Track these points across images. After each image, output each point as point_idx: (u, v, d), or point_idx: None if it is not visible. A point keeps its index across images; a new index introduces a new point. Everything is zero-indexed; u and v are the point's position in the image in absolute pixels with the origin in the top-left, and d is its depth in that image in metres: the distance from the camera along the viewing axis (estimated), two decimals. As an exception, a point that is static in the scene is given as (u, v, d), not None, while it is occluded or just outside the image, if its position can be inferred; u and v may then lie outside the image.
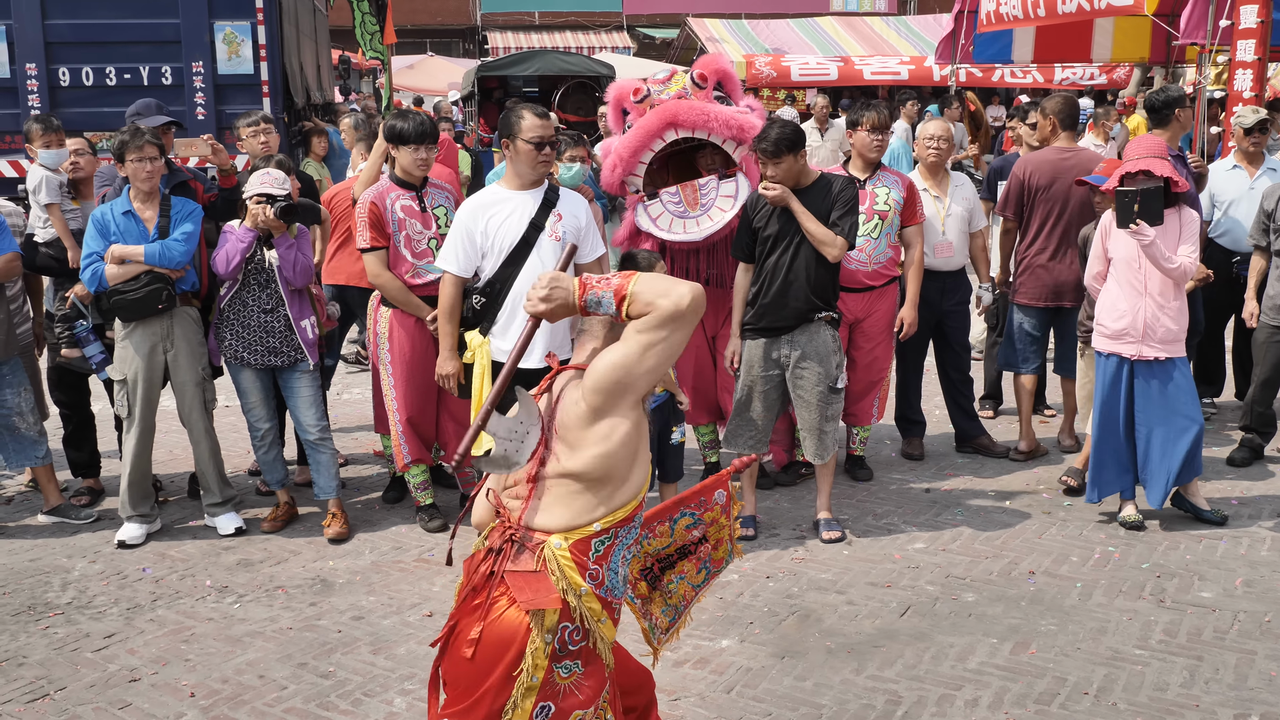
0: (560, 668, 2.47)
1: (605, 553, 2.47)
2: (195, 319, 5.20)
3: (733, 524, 2.99)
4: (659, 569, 2.88)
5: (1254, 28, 9.59)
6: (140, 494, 5.17)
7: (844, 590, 4.60)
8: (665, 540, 2.87)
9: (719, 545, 2.95)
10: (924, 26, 22.42)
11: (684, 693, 3.82)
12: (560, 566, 2.44)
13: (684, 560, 2.91)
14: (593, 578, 2.45)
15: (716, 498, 2.92)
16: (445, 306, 4.78)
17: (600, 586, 2.47)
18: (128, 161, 4.94)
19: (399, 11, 31.17)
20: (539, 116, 4.70)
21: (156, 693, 3.88)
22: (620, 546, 2.50)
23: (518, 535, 2.49)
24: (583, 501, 2.45)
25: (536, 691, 2.44)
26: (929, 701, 3.76)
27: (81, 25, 9.38)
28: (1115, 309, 5.12)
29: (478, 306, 4.74)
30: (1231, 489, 5.65)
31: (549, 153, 4.75)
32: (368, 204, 5.07)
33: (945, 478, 5.91)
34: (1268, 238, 5.89)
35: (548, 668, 2.45)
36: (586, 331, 2.65)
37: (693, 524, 2.89)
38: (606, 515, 2.46)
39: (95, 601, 4.59)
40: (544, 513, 2.48)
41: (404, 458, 5.18)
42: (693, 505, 2.89)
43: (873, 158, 5.58)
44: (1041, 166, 5.97)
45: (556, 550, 2.45)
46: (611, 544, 2.47)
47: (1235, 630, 4.21)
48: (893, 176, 5.65)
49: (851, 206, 4.99)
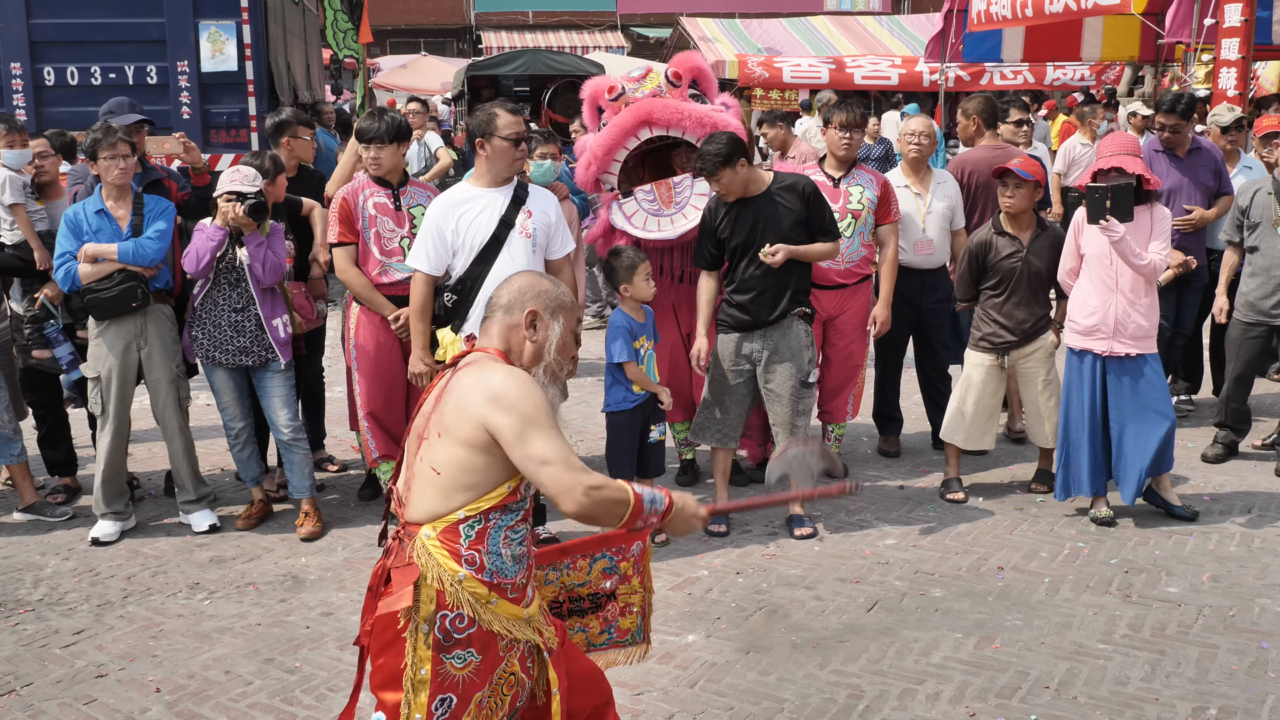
0: (452, 658, 2.46)
1: (479, 536, 2.46)
2: (169, 317, 5.22)
3: (646, 594, 2.93)
4: (567, 610, 2.84)
5: (1238, 26, 9.64)
6: (114, 491, 5.18)
7: (812, 586, 4.61)
8: (581, 577, 2.84)
9: (626, 613, 2.89)
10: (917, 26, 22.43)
11: (647, 687, 3.84)
12: (432, 555, 2.46)
13: (593, 615, 2.86)
14: (470, 562, 2.46)
15: (633, 549, 2.88)
16: (416, 305, 4.78)
17: (481, 571, 2.47)
18: (100, 159, 4.95)
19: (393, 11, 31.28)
20: (513, 114, 4.71)
21: (122, 688, 3.90)
22: (497, 529, 2.49)
23: (402, 531, 2.53)
24: (444, 490, 2.46)
25: (429, 685, 2.44)
26: (890, 696, 3.78)
27: (66, 25, 9.40)
28: (1086, 305, 5.14)
29: (449, 304, 4.75)
30: (1204, 485, 5.67)
31: (524, 149, 4.77)
32: (339, 200, 5.10)
33: (920, 475, 5.93)
34: (1241, 234, 5.91)
35: (434, 659, 2.44)
36: (491, 319, 2.63)
37: (609, 569, 2.85)
38: (470, 503, 2.46)
39: (66, 598, 4.61)
40: (414, 505, 2.51)
41: (372, 453, 5.21)
42: (613, 550, 2.85)
43: (842, 155, 5.60)
44: (979, 164, 6.13)
45: (426, 540, 2.47)
46: (483, 528, 2.47)
47: (1199, 625, 4.23)
48: (867, 175, 5.67)
49: (822, 202, 5.03)
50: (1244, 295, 5.87)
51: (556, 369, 2.61)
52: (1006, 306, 5.37)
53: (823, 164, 5.75)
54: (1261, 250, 5.79)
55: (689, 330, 5.66)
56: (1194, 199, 6.39)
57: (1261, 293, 5.79)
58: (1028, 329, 5.38)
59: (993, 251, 5.36)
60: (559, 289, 2.66)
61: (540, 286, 2.64)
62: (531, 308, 2.59)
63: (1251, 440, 6.23)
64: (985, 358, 5.44)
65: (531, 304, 2.60)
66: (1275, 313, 5.76)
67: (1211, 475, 5.83)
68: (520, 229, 4.71)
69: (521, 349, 2.60)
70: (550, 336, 2.60)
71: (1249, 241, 5.86)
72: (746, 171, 4.92)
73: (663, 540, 5.03)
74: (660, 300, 5.53)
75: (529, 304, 2.60)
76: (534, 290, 2.63)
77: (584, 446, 6.40)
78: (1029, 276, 5.33)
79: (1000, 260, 5.34)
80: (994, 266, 5.36)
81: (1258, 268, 5.82)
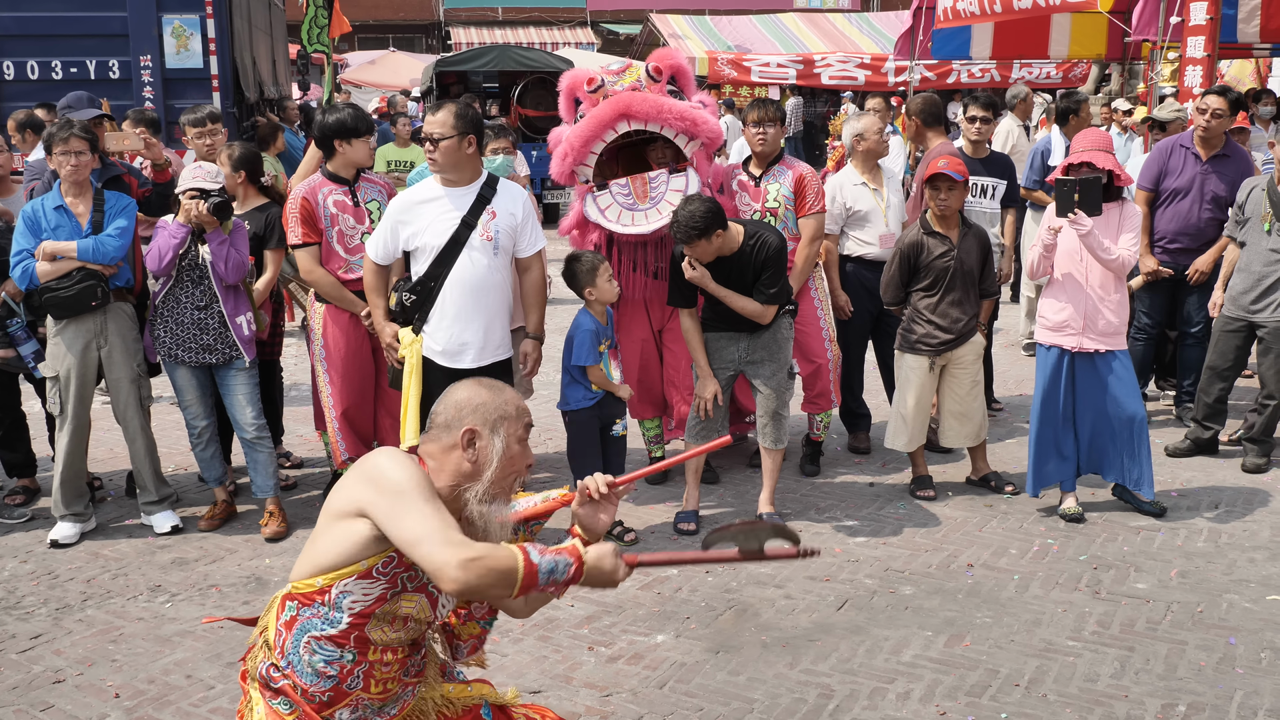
0: (277, 704, 2.42)
1: (290, 622, 2.40)
2: (130, 315, 5.12)
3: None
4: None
5: (1203, 24, 9.70)
6: (74, 492, 5.08)
7: (782, 585, 4.59)
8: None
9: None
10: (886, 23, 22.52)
11: (616, 688, 3.80)
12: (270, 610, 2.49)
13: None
14: (271, 644, 2.44)
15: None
16: (369, 283, 4.83)
17: (280, 655, 2.42)
18: (55, 154, 4.85)
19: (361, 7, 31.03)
20: (431, 113, 4.63)
21: (80, 694, 3.81)
22: (306, 625, 2.38)
23: None
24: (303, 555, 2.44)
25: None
26: (861, 695, 3.76)
27: (27, 18, 9.27)
28: (1055, 301, 5.15)
29: (407, 303, 4.68)
30: (1171, 480, 5.70)
31: (429, 148, 4.56)
32: (299, 199, 5.02)
33: (889, 471, 5.93)
34: (1238, 230, 5.94)
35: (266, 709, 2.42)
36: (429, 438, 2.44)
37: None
38: (302, 577, 2.39)
39: (24, 602, 4.51)
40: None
41: (341, 455, 5.14)
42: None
43: (760, 150, 5.55)
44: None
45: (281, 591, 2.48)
46: (293, 617, 2.39)
47: (1168, 621, 4.25)
48: (785, 169, 5.60)
49: (778, 269, 4.94)
50: (1229, 289, 5.92)
51: (500, 486, 2.42)
52: (941, 306, 5.36)
53: (747, 165, 5.71)
54: (1249, 246, 5.83)
55: (660, 326, 5.63)
56: (1199, 206, 6.30)
57: (1242, 288, 5.83)
58: (961, 328, 5.38)
59: (925, 252, 5.35)
60: (500, 398, 2.43)
61: (478, 399, 2.41)
62: (468, 425, 2.38)
63: (1227, 434, 6.25)
64: (921, 360, 5.44)
65: (469, 420, 2.38)
66: (1254, 309, 5.79)
67: (1179, 471, 5.86)
68: (481, 230, 4.64)
69: (459, 468, 2.39)
70: (491, 454, 2.38)
71: (1239, 236, 5.90)
72: (720, 241, 4.83)
73: (631, 539, 4.99)
74: (632, 295, 5.49)
75: (466, 421, 2.38)
76: (471, 405, 2.40)
77: (552, 444, 6.36)
78: (961, 275, 5.34)
79: (933, 260, 5.33)
80: (927, 267, 5.35)
81: (1243, 263, 5.86)
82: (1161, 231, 6.40)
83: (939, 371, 5.47)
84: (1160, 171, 6.41)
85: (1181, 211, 6.33)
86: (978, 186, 6.49)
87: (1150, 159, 6.58)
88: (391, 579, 2.37)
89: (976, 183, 6.41)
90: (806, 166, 5.68)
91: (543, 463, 6.11)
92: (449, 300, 4.62)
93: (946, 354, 5.41)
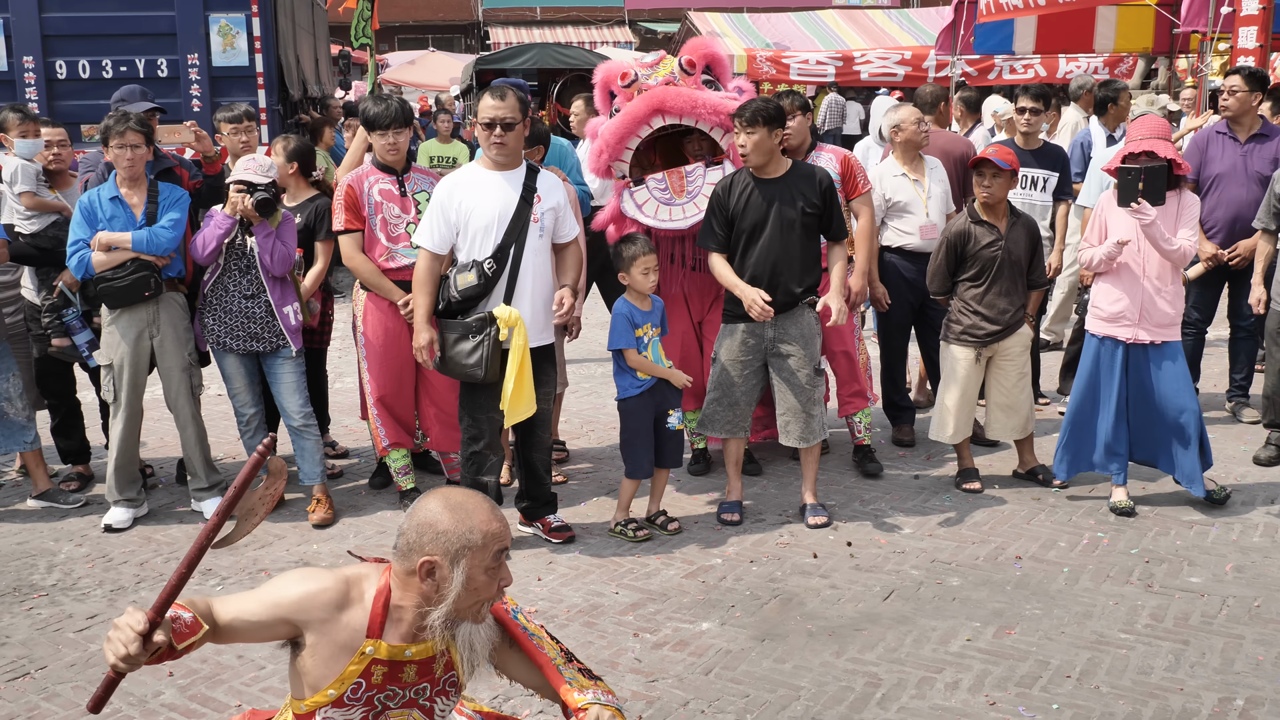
0: None
1: None
2: (182, 305, 5.20)
3: None
4: None
5: (1255, 14, 9.54)
6: (127, 478, 5.16)
7: (828, 575, 4.57)
8: None
9: None
10: (927, 19, 22.31)
11: (662, 674, 3.80)
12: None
13: None
14: None
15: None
16: (419, 277, 4.70)
17: None
18: (111, 147, 4.93)
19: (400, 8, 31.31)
20: (495, 97, 4.66)
21: (136, 672, 3.86)
22: None
23: None
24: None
25: None
26: (909, 684, 3.74)
27: (78, 18, 9.42)
28: (1112, 291, 5.08)
29: (489, 271, 4.63)
30: (1225, 476, 5.60)
31: (499, 133, 4.63)
32: (345, 187, 5.09)
33: (934, 464, 5.88)
34: (1277, 221, 5.82)
35: None
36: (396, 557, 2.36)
37: None
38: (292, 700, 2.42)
39: (80, 584, 4.59)
40: None
41: (382, 441, 5.19)
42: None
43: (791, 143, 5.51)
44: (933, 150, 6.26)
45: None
46: None
47: (1223, 615, 4.18)
48: (827, 154, 5.56)
49: (835, 200, 5.01)
50: (1275, 285, 5.77)
51: (463, 613, 2.33)
52: (988, 296, 5.30)
53: None
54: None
55: (700, 318, 5.62)
56: (1247, 188, 6.19)
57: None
58: (1008, 319, 5.32)
59: (972, 241, 5.30)
60: (465, 524, 2.26)
61: (441, 525, 2.26)
62: (426, 557, 2.26)
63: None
64: (967, 351, 5.38)
65: (429, 550, 2.26)
66: None
67: (1232, 466, 5.76)
68: (532, 214, 4.69)
69: (421, 591, 2.31)
70: (451, 587, 2.27)
71: (1276, 227, 5.78)
72: (776, 142, 4.90)
73: (675, 529, 4.99)
74: (671, 289, 5.48)
75: (426, 549, 2.26)
76: (433, 532, 2.26)
77: (594, 437, 6.37)
78: (1009, 265, 5.28)
79: (981, 249, 5.28)
80: (974, 256, 5.29)
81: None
82: (1212, 220, 6.28)
83: (985, 363, 5.42)
84: (1201, 161, 6.32)
85: (1229, 196, 6.21)
86: (1028, 178, 6.42)
87: (1189, 150, 6.49)
88: (367, 702, 2.38)
89: (1027, 174, 6.34)
90: (843, 150, 5.67)
91: (582, 455, 6.13)
92: (524, 270, 4.66)
93: (993, 345, 5.36)
